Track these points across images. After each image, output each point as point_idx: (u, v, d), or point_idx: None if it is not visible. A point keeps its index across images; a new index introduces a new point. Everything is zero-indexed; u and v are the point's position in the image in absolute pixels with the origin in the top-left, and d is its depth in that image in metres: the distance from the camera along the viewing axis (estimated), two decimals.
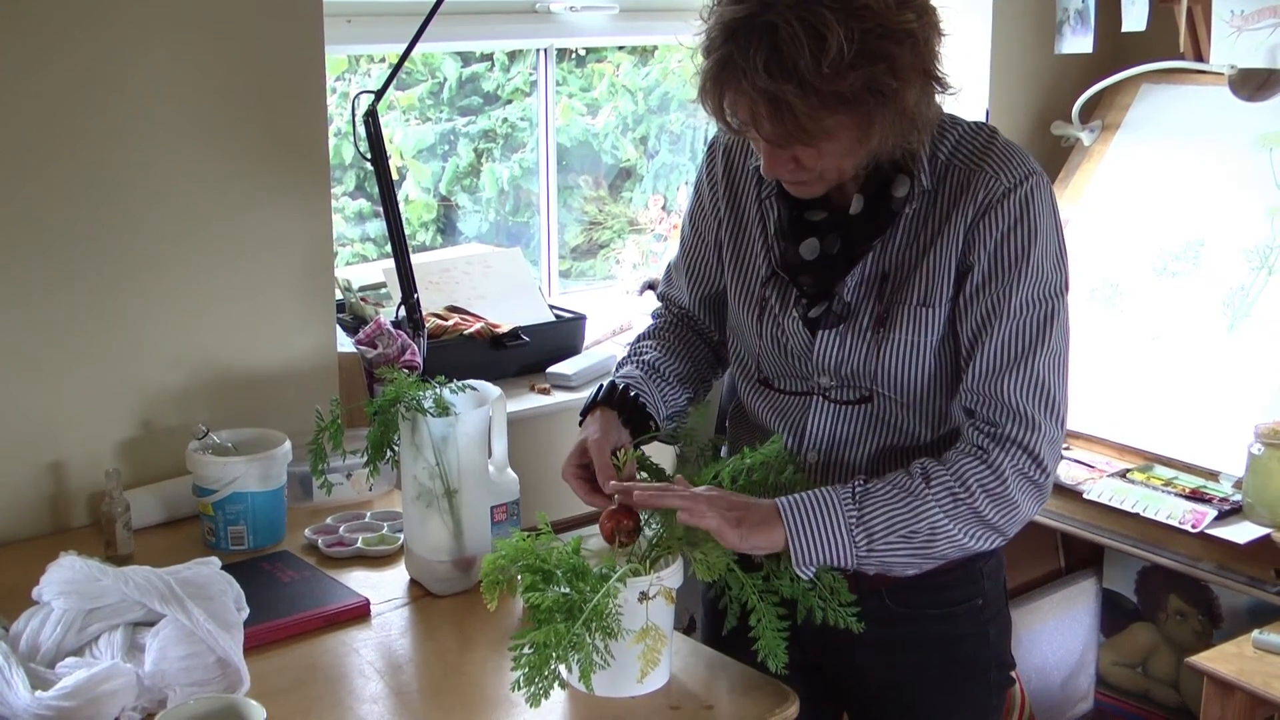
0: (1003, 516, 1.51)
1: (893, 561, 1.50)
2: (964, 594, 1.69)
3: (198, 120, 2.05)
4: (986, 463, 1.50)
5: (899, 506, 1.49)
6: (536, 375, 2.76)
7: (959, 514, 1.49)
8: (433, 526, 1.72)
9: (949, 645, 1.69)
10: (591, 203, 3.54)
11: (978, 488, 1.49)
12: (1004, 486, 1.49)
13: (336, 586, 1.77)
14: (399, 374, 1.74)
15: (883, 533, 1.48)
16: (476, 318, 2.77)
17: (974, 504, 1.49)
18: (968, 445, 1.52)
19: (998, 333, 1.51)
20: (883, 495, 1.49)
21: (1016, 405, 1.51)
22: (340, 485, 2.07)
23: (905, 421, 1.61)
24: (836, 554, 1.48)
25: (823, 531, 1.47)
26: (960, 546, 1.51)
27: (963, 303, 1.53)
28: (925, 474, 1.50)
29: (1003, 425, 1.51)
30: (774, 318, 1.64)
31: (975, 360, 1.53)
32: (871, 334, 1.57)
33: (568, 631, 1.35)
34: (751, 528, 1.46)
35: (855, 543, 1.48)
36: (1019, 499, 1.51)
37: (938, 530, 1.49)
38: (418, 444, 1.69)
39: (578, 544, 1.45)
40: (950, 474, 1.50)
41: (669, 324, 1.83)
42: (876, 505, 1.49)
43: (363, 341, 2.44)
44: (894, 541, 1.49)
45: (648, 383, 1.71)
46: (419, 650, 1.63)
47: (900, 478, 1.51)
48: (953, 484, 1.49)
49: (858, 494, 1.49)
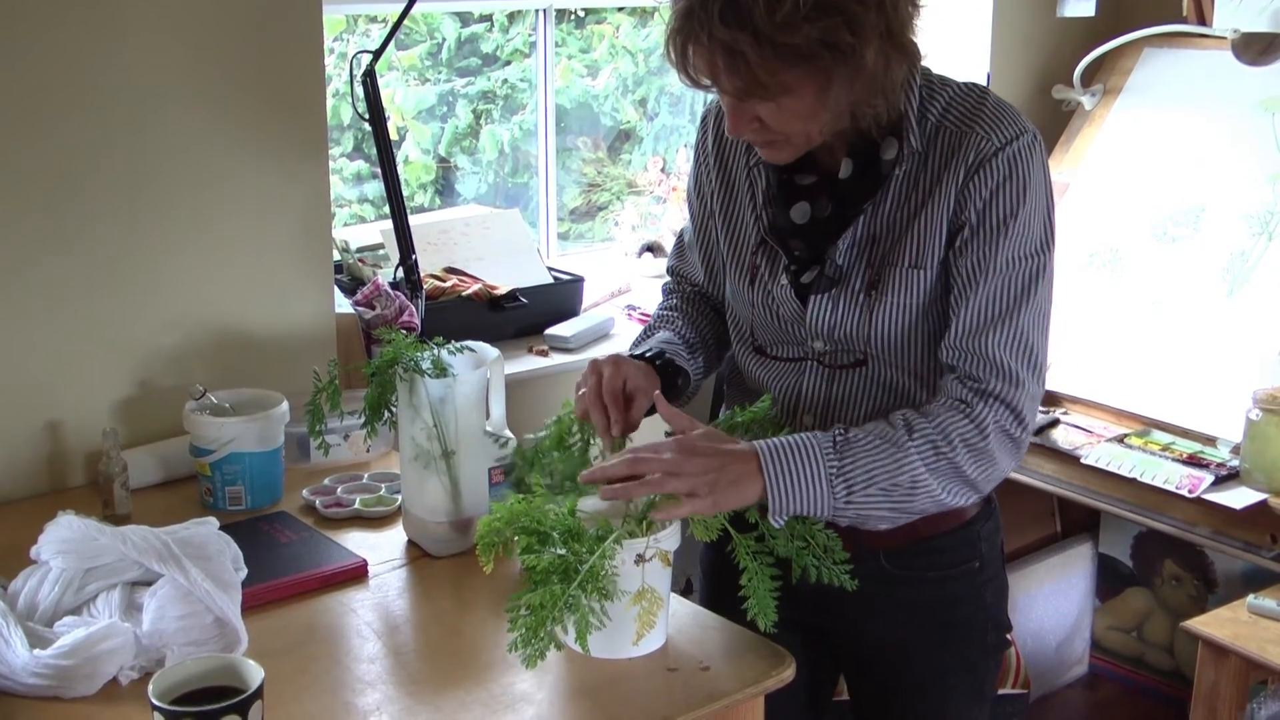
0: (981, 472, 1.50)
1: (869, 514, 1.48)
2: (961, 556, 1.69)
3: (195, 82, 2.04)
4: (969, 416, 1.49)
5: (881, 457, 1.47)
6: (534, 337, 2.76)
7: (939, 468, 1.48)
8: (430, 488, 1.72)
9: (946, 607, 1.69)
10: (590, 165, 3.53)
11: (959, 441, 1.48)
12: (985, 441, 1.49)
13: (334, 547, 1.76)
14: (397, 335, 1.74)
15: (863, 484, 1.47)
16: (474, 279, 2.77)
17: (954, 458, 1.48)
18: (949, 399, 1.51)
19: (983, 288, 1.51)
20: (864, 445, 1.48)
21: (1000, 361, 1.50)
22: (338, 446, 2.07)
23: (901, 383, 1.60)
24: (814, 503, 1.46)
25: (802, 480, 1.45)
26: (937, 501, 1.50)
27: (951, 258, 1.53)
28: (908, 425, 1.49)
29: (986, 380, 1.50)
30: (765, 285, 1.64)
31: (960, 315, 1.52)
32: (864, 297, 1.56)
33: (564, 593, 1.35)
34: (725, 490, 1.43)
35: (834, 493, 1.46)
36: (998, 455, 1.50)
37: (918, 484, 1.47)
38: (415, 405, 1.69)
39: (573, 505, 1.45)
40: (933, 426, 1.49)
41: (687, 300, 1.83)
42: (858, 455, 1.47)
43: (360, 303, 2.44)
44: (873, 494, 1.47)
45: (680, 346, 1.71)
46: (416, 611, 1.63)
47: (882, 427, 1.50)
48: (935, 436, 1.48)
49: (838, 443, 1.48)
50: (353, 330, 2.33)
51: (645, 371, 1.62)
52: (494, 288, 2.74)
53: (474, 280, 2.76)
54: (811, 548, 1.51)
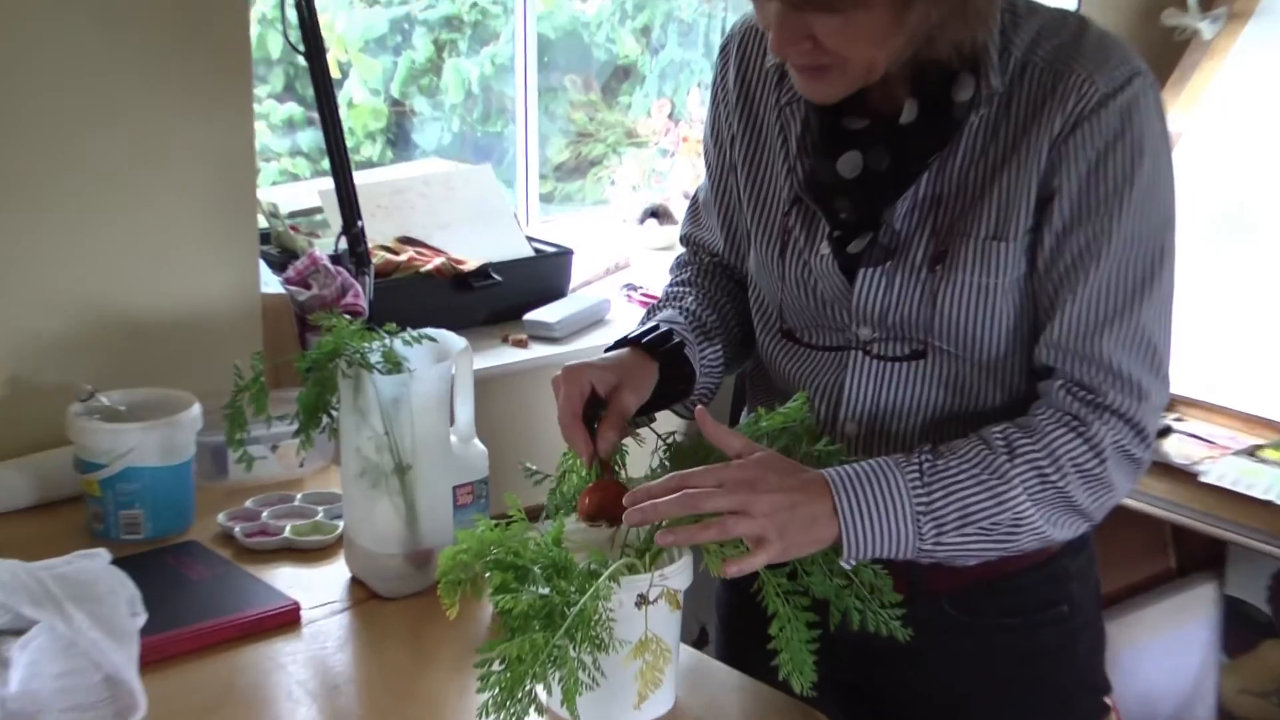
0: (1095, 500, 1.51)
1: (960, 555, 1.51)
2: (1046, 598, 1.68)
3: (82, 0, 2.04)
4: (1083, 436, 1.50)
5: (977, 489, 1.48)
6: (511, 324, 2.77)
7: (1045, 498, 1.49)
8: (380, 512, 1.73)
9: (1026, 663, 1.69)
10: (580, 109, 3.53)
11: (1071, 468, 1.49)
12: (1103, 467, 1.50)
13: (258, 586, 1.77)
14: (338, 321, 1.75)
15: (956, 523, 1.48)
16: (436, 252, 2.77)
17: (1064, 487, 1.49)
18: (1056, 412, 1.52)
19: (1094, 277, 1.51)
20: (957, 474, 1.49)
21: (1118, 366, 1.51)
22: (264, 460, 2.06)
23: (970, 381, 1.60)
24: (896, 544, 1.48)
25: (883, 519, 1.46)
26: (1042, 538, 1.51)
27: (1048, 239, 1.53)
28: (1009, 447, 1.50)
29: (1101, 391, 1.51)
30: (800, 255, 1.64)
31: (1065, 311, 1.53)
32: (926, 273, 1.56)
33: (547, 643, 1.33)
34: (797, 533, 1.44)
35: (920, 533, 1.47)
36: (1116, 480, 1.51)
37: (1022, 521, 1.49)
38: (362, 408, 1.70)
39: (559, 532, 1.44)
40: (1039, 448, 1.49)
41: (704, 273, 1.84)
42: (950, 486, 1.48)
43: (293, 281, 2.45)
44: (968, 534, 1.48)
45: (691, 334, 1.71)
46: (362, 667, 1.63)
47: (976, 450, 1.50)
48: (1042, 461, 1.49)
49: (925, 471, 1.48)
50: (283, 315, 2.33)
51: (623, 366, 1.62)
52: (460, 262, 2.74)
53: (435, 253, 2.77)
54: (855, 587, 1.51)
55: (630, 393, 1.59)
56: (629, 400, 1.59)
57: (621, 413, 1.58)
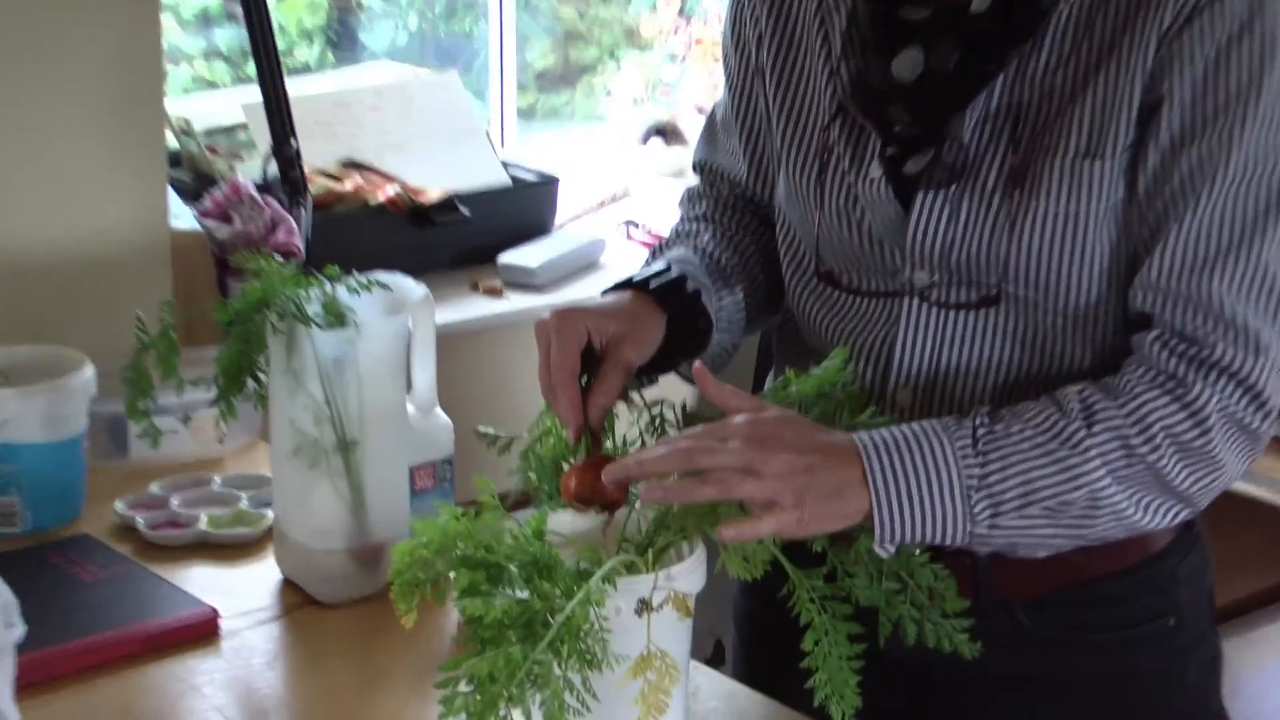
0: (1196, 481, 1.50)
1: (1023, 542, 1.51)
2: (1147, 610, 1.68)
3: None
4: (1182, 401, 1.48)
5: (1045, 462, 1.47)
6: (482, 268, 2.79)
7: (1131, 476, 1.48)
8: (319, 498, 1.73)
9: (1123, 690, 1.69)
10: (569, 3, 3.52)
11: (1165, 439, 1.48)
12: (1206, 438, 1.48)
13: (166, 590, 1.77)
14: (268, 263, 1.75)
15: (1017, 501, 1.47)
16: (389, 179, 2.78)
17: (1156, 462, 1.48)
18: (1150, 370, 1.51)
19: (1206, 203, 1.50)
20: (1020, 442, 1.48)
21: (1230, 313, 1.50)
22: (173, 434, 2.06)
23: (1052, 337, 1.59)
24: (944, 526, 1.47)
25: (927, 493, 1.46)
26: (1126, 524, 1.51)
27: (1152, 156, 1.52)
28: (1086, 410, 1.49)
29: (1207, 342, 1.50)
30: (843, 178, 1.65)
31: (1167, 244, 1.52)
32: (1001, 199, 1.56)
33: (526, 659, 1.32)
34: (819, 502, 1.44)
35: (973, 513, 1.47)
36: (1224, 455, 1.50)
37: (1100, 500, 1.48)
38: (297, 371, 1.70)
39: (541, 522, 1.42)
40: (1124, 412, 1.48)
41: (723, 206, 1.85)
42: (1010, 456, 1.48)
43: (210, 214, 2.45)
44: (1032, 515, 1.48)
45: (707, 279, 1.72)
46: (296, 690, 1.63)
47: (1046, 413, 1.50)
48: (1128, 429, 1.48)
49: (980, 437, 1.48)
50: (198, 256, 2.34)
51: (626, 315, 1.62)
52: (419, 192, 2.75)
53: (388, 180, 2.77)
54: (909, 592, 1.50)
55: (632, 347, 1.59)
56: (630, 357, 1.58)
57: (621, 372, 1.57)
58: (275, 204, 2.44)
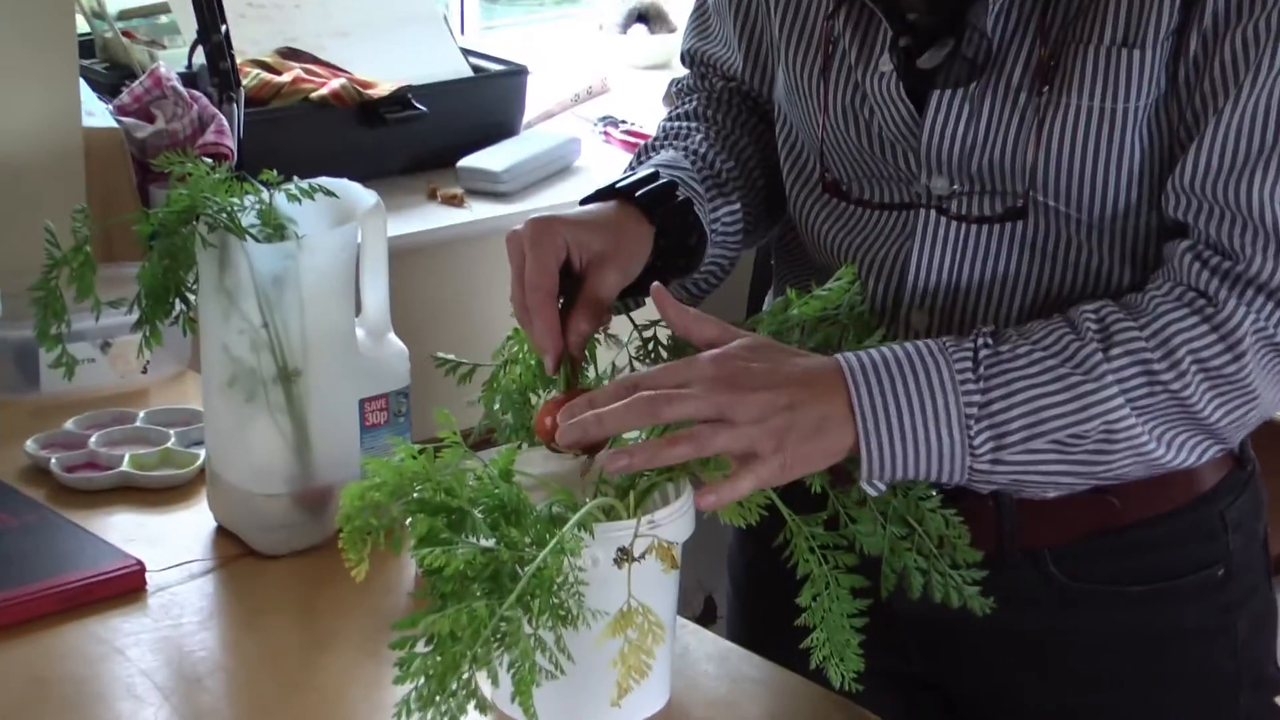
0: (1227, 412, 1.50)
1: (1029, 479, 1.50)
2: (1192, 558, 1.68)
3: None
4: (1212, 322, 1.48)
5: (1055, 388, 1.47)
6: (441, 173, 2.80)
7: (1152, 406, 1.47)
8: (258, 435, 1.73)
9: (1165, 648, 1.70)
10: None
11: (1192, 363, 1.47)
12: (1239, 364, 1.48)
13: (84, 540, 1.76)
14: (196, 166, 1.74)
15: (1022, 432, 1.46)
16: (334, 70, 2.79)
17: (1181, 391, 1.47)
18: (1177, 286, 1.51)
19: (1248, 96, 1.50)
20: (1028, 366, 1.48)
21: (1273, 222, 1.50)
22: (90, 363, 2.07)
23: (1086, 251, 1.60)
24: (939, 460, 1.46)
25: (919, 421, 1.45)
26: (1147, 461, 1.50)
27: (1194, 41, 1.51)
28: (1103, 329, 1.49)
29: (1244, 255, 1.50)
30: (848, 74, 1.65)
31: (1204, 140, 1.51)
32: (1028, 97, 1.56)
33: (492, 615, 1.33)
34: (802, 443, 1.43)
35: (973, 446, 1.46)
36: (1258, 384, 1.49)
37: (1116, 433, 1.47)
38: (230, 290, 1.70)
39: (509, 461, 1.43)
40: (1147, 335, 1.48)
41: (717, 103, 1.85)
42: (1014, 382, 1.47)
43: (129, 110, 2.45)
44: (1039, 450, 1.47)
45: (701, 187, 1.71)
46: (233, 651, 1.63)
47: (1057, 333, 1.49)
48: (1149, 352, 1.47)
49: (982, 358, 1.47)
50: (115, 158, 2.34)
51: (609, 227, 1.61)
52: (368, 85, 2.75)
53: (332, 72, 2.78)
54: (917, 539, 1.51)
55: (614, 267, 1.58)
56: (612, 277, 1.57)
57: (604, 293, 1.57)
58: (203, 99, 2.43)
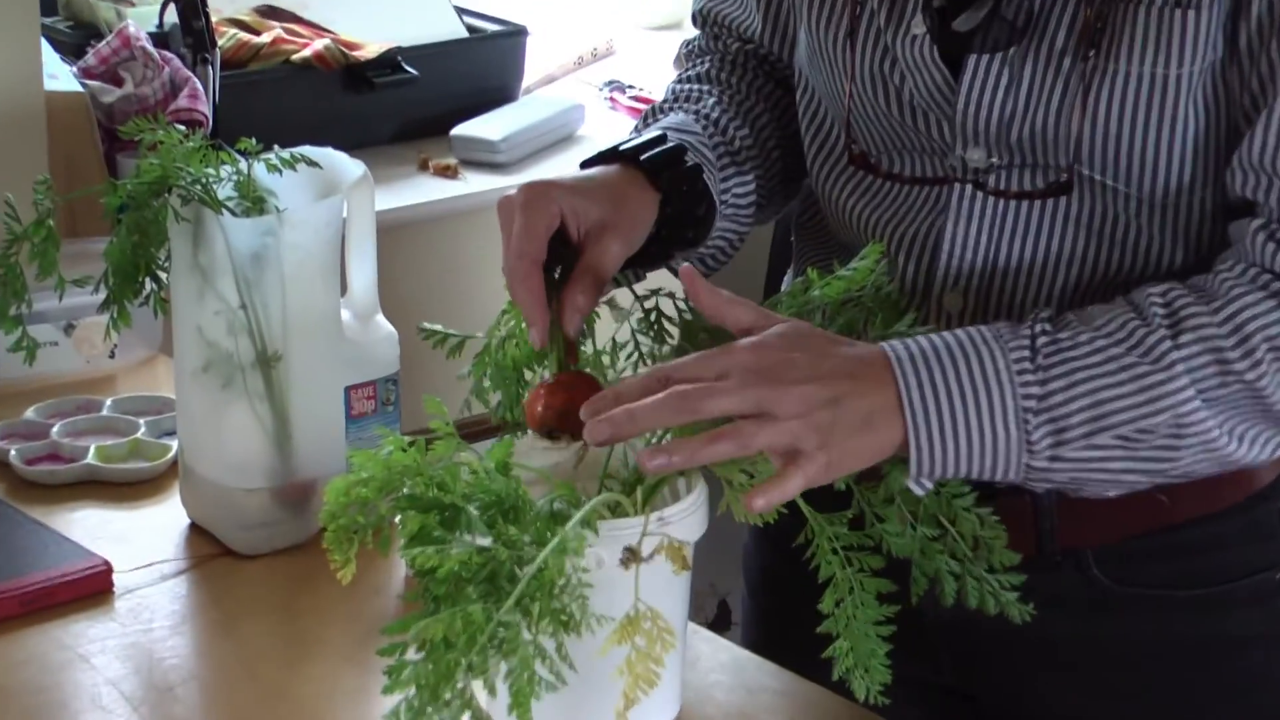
0: None
1: (1091, 478, 1.49)
2: (1246, 561, 1.67)
3: None
4: None
5: (1121, 379, 1.45)
6: (433, 141, 2.84)
7: (1225, 398, 1.46)
8: (235, 425, 1.74)
9: (1213, 656, 1.68)
10: None
11: (1268, 351, 1.45)
12: None
13: (46, 538, 1.78)
14: (168, 134, 1.74)
15: (1084, 428, 1.45)
16: (317, 30, 2.83)
17: (1258, 381, 1.45)
18: (1249, 268, 1.49)
19: None
20: (1090, 355, 1.46)
21: None
22: (52, 347, 2.07)
23: (1135, 230, 1.59)
24: (992, 458, 1.45)
25: (971, 416, 1.44)
26: (1216, 457, 1.48)
27: (1256, 3, 1.49)
28: (1172, 315, 1.46)
29: None
30: (877, 38, 1.64)
31: (1274, 111, 1.49)
32: (1073, 62, 1.54)
33: (489, 620, 1.31)
34: (848, 438, 1.41)
35: (1030, 442, 1.45)
36: None
37: (1186, 427, 1.45)
38: (205, 268, 1.70)
39: (506, 452, 1.41)
40: (1219, 320, 1.45)
41: (731, 66, 1.85)
42: (1078, 373, 1.45)
43: (95, 73, 2.44)
44: (1104, 446, 1.45)
45: (712, 153, 1.71)
46: (207, 659, 1.65)
47: (1122, 319, 1.48)
48: (1222, 340, 1.45)
49: (1040, 347, 1.46)
50: (80, 125, 2.34)
51: (610, 193, 1.60)
52: (354, 46, 2.77)
53: (316, 32, 2.81)
54: (950, 541, 1.51)
55: (616, 236, 1.56)
56: (614, 248, 1.56)
57: (604, 264, 1.55)
58: (175, 60, 2.44)
